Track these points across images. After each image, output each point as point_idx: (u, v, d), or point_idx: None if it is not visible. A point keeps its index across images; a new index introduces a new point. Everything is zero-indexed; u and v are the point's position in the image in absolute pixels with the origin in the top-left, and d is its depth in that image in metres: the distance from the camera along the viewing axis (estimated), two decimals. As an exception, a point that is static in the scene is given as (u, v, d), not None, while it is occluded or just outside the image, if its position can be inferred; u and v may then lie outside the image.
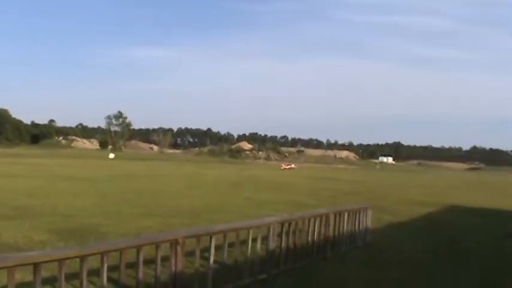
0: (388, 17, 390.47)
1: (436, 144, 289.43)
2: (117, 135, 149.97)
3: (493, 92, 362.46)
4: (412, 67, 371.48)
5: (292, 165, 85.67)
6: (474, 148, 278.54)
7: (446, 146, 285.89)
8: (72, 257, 5.33)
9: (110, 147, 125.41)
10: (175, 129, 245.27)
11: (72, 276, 6.19)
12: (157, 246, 6.08)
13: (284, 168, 74.81)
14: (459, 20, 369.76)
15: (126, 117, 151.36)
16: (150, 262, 6.33)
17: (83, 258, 5.25)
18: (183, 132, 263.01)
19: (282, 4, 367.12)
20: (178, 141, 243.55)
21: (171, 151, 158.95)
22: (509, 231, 3.55)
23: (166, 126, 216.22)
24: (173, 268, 6.20)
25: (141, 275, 5.82)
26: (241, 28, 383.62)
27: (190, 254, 7.03)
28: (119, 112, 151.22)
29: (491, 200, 27.89)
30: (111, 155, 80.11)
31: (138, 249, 5.83)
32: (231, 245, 7.38)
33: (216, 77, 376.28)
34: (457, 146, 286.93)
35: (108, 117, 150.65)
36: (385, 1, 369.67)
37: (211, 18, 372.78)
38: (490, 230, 14.98)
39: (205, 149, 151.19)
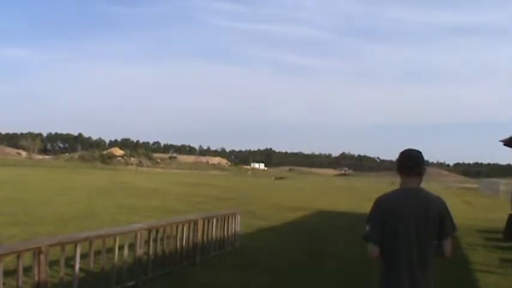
0: (260, 25, 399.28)
1: (307, 151, 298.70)
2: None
3: (362, 101, 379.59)
4: (284, 75, 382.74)
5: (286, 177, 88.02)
6: (343, 154, 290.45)
7: (317, 152, 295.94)
8: None
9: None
10: (44, 134, 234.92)
11: None
12: (18, 255, 5.89)
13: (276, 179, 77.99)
14: (330, 30, 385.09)
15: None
16: (12, 273, 6.12)
17: None
18: (53, 137, 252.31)
19: (152, 8, 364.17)
20: (47, 147, 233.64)
21: (40, 157, 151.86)
22: (363, 234, 3.80)
23: (35, 131, 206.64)
24: (36, 278, 6.04)
25: (1, 286, 5.62)
26: (113, 32, 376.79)
27: (54, 263, 6.87)
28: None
29: (357, 204, 29.22)
30: (-26, 161, 75.54)
31: (-2, 259, 5.63)
32: (97, 252, 7.30)
33: (87, 80, 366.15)
34: (327, 153, 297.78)
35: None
36: (258, 9, 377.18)
37: (81, 20, 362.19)
38: (354, 233, 15.68)
39: (76, 155, 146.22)
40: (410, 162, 4.08)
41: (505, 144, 19.20)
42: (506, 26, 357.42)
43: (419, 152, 4.14)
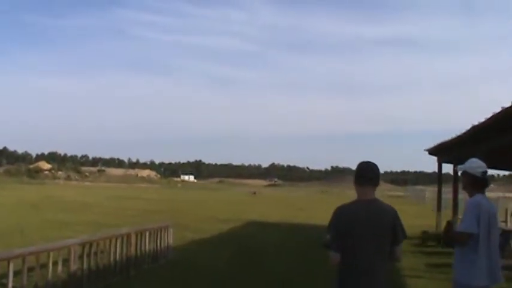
0: (190, 37, 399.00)
1: (237, 162, 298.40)
2: None
3: (291, 111, 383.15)
4: (213, 86, 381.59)
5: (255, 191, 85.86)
6: (273, 165, 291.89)
7: (246, 163, 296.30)
8: None
9: None
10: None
11: None
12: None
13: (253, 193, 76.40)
14: (258, 42, 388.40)
15: None
16: None
17: None
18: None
19: (81, 19, 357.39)
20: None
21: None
22: (324, 242, 3.92)
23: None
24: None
25: None
26: (39, 43, 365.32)
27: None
28: None
29: (287, 214, 29.64)
30: None
31: None
32: (31, 269, 7.26)
33: (12, 92, 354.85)
34: (256, 164, 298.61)
35: None
36: (188, 22, 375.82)
37: (7, 31, 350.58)
38: (286, 243, 15.99)
39: (1, 169, 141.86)
40: (371, 174, 4.40)
41: (429, 153, 20.09)
42: (430, 38, 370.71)
43: (377, 165, 4.49)
